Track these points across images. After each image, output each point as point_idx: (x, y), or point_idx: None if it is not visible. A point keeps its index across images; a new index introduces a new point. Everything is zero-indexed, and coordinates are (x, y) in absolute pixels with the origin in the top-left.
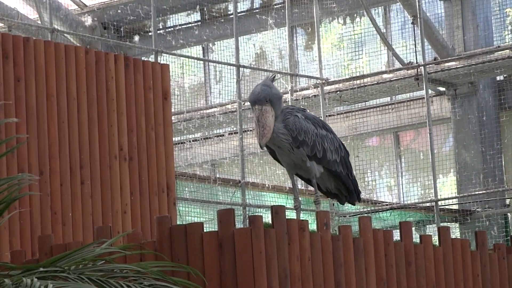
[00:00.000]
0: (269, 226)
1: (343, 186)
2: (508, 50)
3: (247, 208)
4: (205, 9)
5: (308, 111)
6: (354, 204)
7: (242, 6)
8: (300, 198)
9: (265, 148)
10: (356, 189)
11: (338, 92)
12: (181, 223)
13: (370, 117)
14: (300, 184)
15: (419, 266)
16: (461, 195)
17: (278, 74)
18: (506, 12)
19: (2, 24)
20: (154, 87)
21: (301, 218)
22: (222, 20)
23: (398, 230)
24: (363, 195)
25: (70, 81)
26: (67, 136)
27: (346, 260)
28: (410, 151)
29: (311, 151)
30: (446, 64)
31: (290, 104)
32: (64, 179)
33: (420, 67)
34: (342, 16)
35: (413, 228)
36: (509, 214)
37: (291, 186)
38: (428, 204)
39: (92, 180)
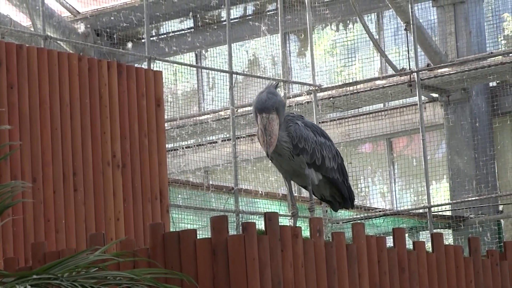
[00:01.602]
0: (263, 233)
1: (338, 193)
2: (500, 57)
3: (240, 215)
4: (198, 16)
5: (306, 118)
6: (348, 209)
7: (235, 13)
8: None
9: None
10: (351, 195)
11: (331, 99)
12: (174, 230)
13: (363, 123)
14: (294, 191)
15: (413, 272)
16: (454, 201)
17: (281, 82)
18: (503, 17)
19: None
20: (147, 94)
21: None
22: (215, 27)
23: (391, 237)
24: (356, 202)
25: (63, 88)
26: (60, 143)
27: (339, 266)
28: (403, 158)
29: (311, 158)
30: (439, 70)
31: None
32: (57, 186)
33: (413, 74)
34: (335, 22)
35: (406, 235)
36: (502, 220)
37: (286, 193)
38: (421, 211)
39: (85, 187)
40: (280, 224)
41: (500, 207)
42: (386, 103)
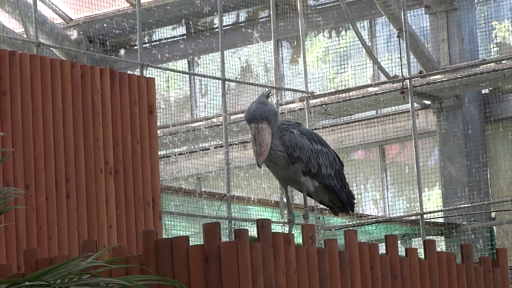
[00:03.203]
0: (255, 240)
1: (337, 199)
2: (493, 64)
3: (232, 221)
4: (190, 23)
5: (303, 125)
6: (348, 213)
7: (228, 20)
8: (285, 212)
9: (263, 166)
10: (350, 201)
11: (324, 106)
12: (166, 237)
13: (356, 130)
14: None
15: (405, 279)
16: (446, 208)
17: (274, 90)
18: (493, 25)
19: None
20: (139, 101)
21: (288, 232)
22: (208, 34)
23: (383, 244)
24: None
25: (56, 95)
26: (52, 150)
27: (332, 273)
28: (396, 165)
29: (306, 167)
30: (432, 77)
31: None
32: (50, 193)
33: (406, 81)
34: (327, 29)
35: (399, 241)
36: (494, 227)
37: (278, 200)
38: (413, 218)
39: (78, 194)
40: (272, 231)
41: (493, 214)
42: (379, 110)
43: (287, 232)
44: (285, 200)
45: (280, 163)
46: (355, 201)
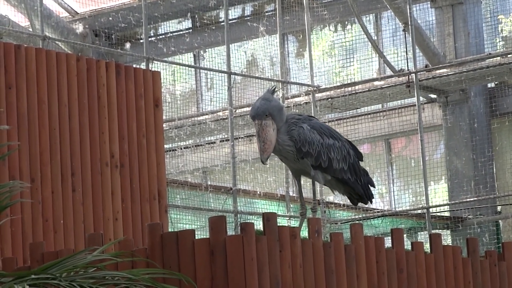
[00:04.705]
0: (261, 233)
1: (353, 191)
2: (499, 57)
3: (238, 215)
4: (196, 16)
5: (315, 119)
6: (366, 204)
7: (234, 14)
8: (291, 205)
9: (267, 163)
10: (367, 192)
11: (330, 100)
12: (172, 230)
13: (362, 124)
14: (292, 191)
15: (411, 273)
16: (452, 202)
17: (279, 85)
18: (499, 19)
19: None
20: (145, 95)
21: (293, 225)
22: (214, 28)
23: (389, 237)
24: None
25: (62, 89)
26: (58, 143)
27: (337, 267)
28: (402, 158)
29: (316, 161)
30: (437, 71)
31: None
32: (56, 186)
33: (411, 74)
34: (333, 23)
35: (405, 235)
36: (500, 221)
37: (284, 194)
38: (419, 211)
39: (84, 187)
40: (278, 224)
41: (498, 208)
42: (385, 104)
43: (296, 225)
44: (291, 193)
45: (290, 158)
46: (374, 188)
